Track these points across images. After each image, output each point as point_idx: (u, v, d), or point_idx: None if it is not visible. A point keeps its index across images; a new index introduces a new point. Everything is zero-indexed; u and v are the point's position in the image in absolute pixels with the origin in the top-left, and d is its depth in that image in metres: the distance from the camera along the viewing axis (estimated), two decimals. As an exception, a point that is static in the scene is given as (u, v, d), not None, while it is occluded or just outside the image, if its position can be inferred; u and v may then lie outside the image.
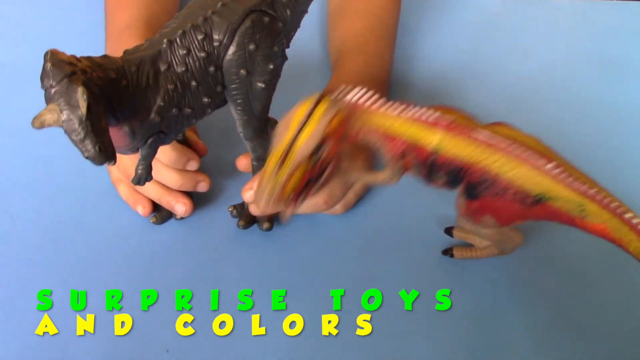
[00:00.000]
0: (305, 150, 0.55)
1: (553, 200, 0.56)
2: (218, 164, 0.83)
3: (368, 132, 0.58)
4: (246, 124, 0.67)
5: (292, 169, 0.55)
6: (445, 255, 0.71)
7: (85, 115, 0.50)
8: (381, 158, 0.61)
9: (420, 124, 0.57)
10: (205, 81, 0.62)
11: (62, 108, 0.51)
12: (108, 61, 0.57)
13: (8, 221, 0.75)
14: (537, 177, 0.55)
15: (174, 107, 0.60)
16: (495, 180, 0.56)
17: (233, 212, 0.75)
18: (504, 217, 0.58)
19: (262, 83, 0.64)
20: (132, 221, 0.73)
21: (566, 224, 0.57)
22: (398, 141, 0.58)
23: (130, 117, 0.58)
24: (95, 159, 0.52)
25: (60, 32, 1.00)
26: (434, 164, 0.58)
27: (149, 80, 0.59)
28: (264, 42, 0.63)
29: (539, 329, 0.65)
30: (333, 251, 0.72)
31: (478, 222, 0.60)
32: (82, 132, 0.51)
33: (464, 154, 0.57)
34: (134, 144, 0.61)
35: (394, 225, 0.75)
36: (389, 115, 0.57)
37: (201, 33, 0.60)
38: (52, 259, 0.71)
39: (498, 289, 0.69)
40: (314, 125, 0.55)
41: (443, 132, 0.57)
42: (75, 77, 0.51)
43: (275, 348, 0.63)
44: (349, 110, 0.57)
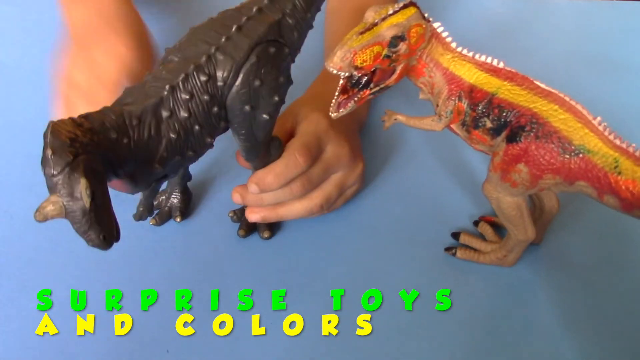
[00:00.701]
0: (386, 32, 0.58)
1: (592, 154, 0.58)
2: (219, 166, 0.83)
3: (435, 65, 0.62)
4: (249, 150, 0.66)
5: (368, 42, 0.58)
6: (448, 252, 0.72)
7: (89, 207, 0.49)
8: (436, 99, 0.63)
9: (485, 70, 0.61)
10: (209, 123, 0.60)
11: (64, 200, 0.49)
12: (109, 118, 0.54)
13: (8, 221, 0.75)
14: (582, 130, 0.58)
15: (177, 155, 0.59)
16: (544, 124, 0.59)
17: (233, 217, 0.75)
18: (540, 166, 0.59)
19: (267, 115, 0.63)
20: (132, 221, 0.73)
21: (594, 183, 0.58)
22: (460, 81, 0.62)
23: (132, 172, 0.57)
24: (101, 247, 0.51)
25: (60, 32, 1.00)
26: (487, 106, 0.61)
27: (151, 131, 0.57)
28: (269, 75, 0.61)
29: (538, 329, 0.65)
30: (333, 251, 0.72)
31: (508, 177, 0.61)
32: (85, 225, 0.49)
33: (519, 100, 0.60)
34: (136, 190, 0.60)
35: (394, 226, 0.76)
36: (458, 59, 0.62)
37: (204, 75, 0.58)
38: (52, 259, 0.71)
39: (498, 289, 0.69)
40: (401, 18, 0.58)
41: (503, 79, 0.61)
42: (76, 164, 0.48)
43: (275, 348, 0.63)
44: (431, 32, 0.61)
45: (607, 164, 0.57)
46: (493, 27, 1.04)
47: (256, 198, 0.70)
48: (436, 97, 0.63)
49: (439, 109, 0.63)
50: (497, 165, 0.62)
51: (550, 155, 0.59)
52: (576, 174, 0.59)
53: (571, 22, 1.11)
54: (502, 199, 0.63)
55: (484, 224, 0.74)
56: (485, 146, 0.63)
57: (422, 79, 0.63)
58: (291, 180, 0.69)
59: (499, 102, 0.60)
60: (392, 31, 0.58)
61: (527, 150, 0.59)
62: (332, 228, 0.73)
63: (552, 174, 0.60)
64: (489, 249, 0.70)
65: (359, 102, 0.62)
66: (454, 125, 0.64)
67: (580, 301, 0.68)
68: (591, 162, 0.58)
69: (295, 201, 0.71)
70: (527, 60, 0.97)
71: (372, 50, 0.58)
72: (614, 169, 0.57)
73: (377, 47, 0.58)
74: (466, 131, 0.63)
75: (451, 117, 0.63)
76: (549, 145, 0.59)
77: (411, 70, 0.62)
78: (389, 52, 0.59)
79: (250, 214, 0.71)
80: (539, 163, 0.59)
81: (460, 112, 0.62)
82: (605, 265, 0.71)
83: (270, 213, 0.71)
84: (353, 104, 0.62)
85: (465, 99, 0.62)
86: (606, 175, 0.57)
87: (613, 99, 0.91)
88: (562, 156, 0.58)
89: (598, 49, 1.02)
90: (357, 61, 0.58)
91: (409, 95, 0.85)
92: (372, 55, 0.58)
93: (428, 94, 0.64)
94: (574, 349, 0.64)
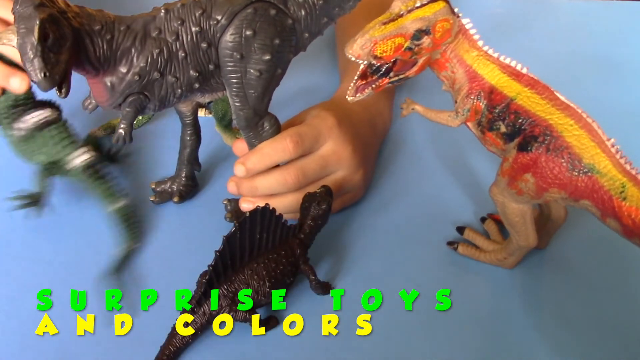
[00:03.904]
0: (410, 25, 0.58)
1: (600, 176, 0.57)
2: (219, 168, 0.83)
3: (459, 62, 0.62)
4: (239, 110, 0.67)
5: (391, 33, 0.58)
6: (450, 246, 0.72)
7: (38, 40, 0.53)
8: (456, 95, 0.63)
9: (507, 74, 0.61)
10: (196, 55, 0.62)
11: (19, 30, 0.54)
12: (100, 15, 0.59)
13: (8, 221, 0.75)
14: (594, 149, 0.57)
15: (155, 71, 0.62)
16: (557, 138, 0.58)
17: (227, 205, 0.75)
18: (547, 179, 0.59)
19: (256, 72, 0.64)
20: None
21: (598, 204, 0.58)
22: (482, 81, 0.62)
23: (109, 71, 0.61)
24: (40, 84, 0.54)
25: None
26: (504, 110, 0.60)
27: (136, 40, 0.61)
28: (264, 31, 0.63)
29: (538, 329, 0.65)
30: (333, 251, 0.72)
31: (515, 184, 0.61)
32: (31, 55, 0.54)
33: (537, 109, 0.60)
34: (112, 99, 0.62)
35: (394, 226, 0.76)
36: (483, 58, 0.61)
37: (200, 9, 0.61)
38: (52, 259, 0.71)
39: (498, 289, 0.69)
40: (427, 12, 0.58)
41: (524, 85, 0.61)
42: (42, 10, 0.54)
43: (275, 348, 0.63)
44: (458, 28, 0.60)
45: (613, 188, 0.57)
46: (492, 26, 1.04)
47: (250, 187, 0.70)
48: (456, 92, 0.63)
49: (457, 105, 0.63)
50: (505, 170, 0.62)
51: (559, 170, 0.58)
52: (582, 193, 0.58)
53: (571, 22, 1.11)
54: (507, 204, 0.63)
55: (491, 221, 0.73)
56: (498, 149, 0.63)
57: (444, 73, 0.63)
58: (278, 165, 0.69)
59: (517, 108, 0.60)
60: (417, 24, 0.58)
61: (537, 161, 0.59)
62: (332, 228, 0.73)
63: (558, 189, 0.59)
64: (491, 248, 0.70)
65: (376, 89, 0.62)
66: (470, 124, 0.64)
67: (580, 304, 0.68)
68: (598, 183, 0.57)
69: (289, 194, 0.71)
70: (527, 60, 0.97)
71: (393, 41, 0.58)
72: (619, 194, 0.56)
73: (399, 38, 0.58)
74: (480, 132, 0.63)
75: (468, 115, 0.63)
76: (558, 159, 0.58)
77: (434, 63, 0.62)
78: (411, 45, 0.59)
79: (243, 202, 0.71)
80: (546, 176, 0.59)
81: (477, 111, 0.62)
82: (606, 270, 0.71)
83: (262, 203, 0.71)
84: (370, 90, 0.62)
85: (484, 99, 0.61)
86: (611, 199, 0.57)
87: (613, 99, 0.92)
88: (570, 172, 0.58)
89: (598, 49, 1.02)
90: (377, 51, 0.58)
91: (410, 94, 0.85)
92: (394, 46, 0.58)
93: (449, 88, 0.64)
94: (575, 350, 0.64)
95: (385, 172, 0.82)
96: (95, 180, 0.71)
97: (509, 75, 0.61)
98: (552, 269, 0.71)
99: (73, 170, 0.72)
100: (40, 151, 0.72)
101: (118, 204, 0.71)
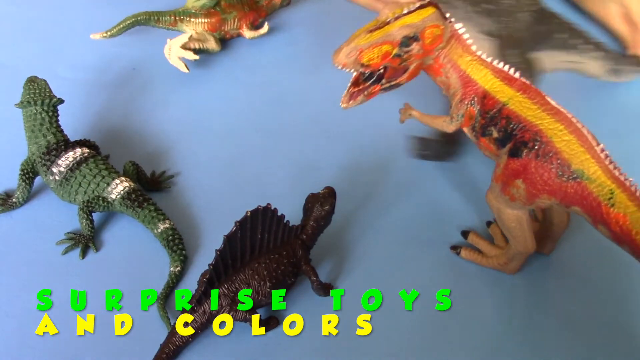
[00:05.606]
0: (397, 32, 0.58)
1: (589, 182, 0.57)
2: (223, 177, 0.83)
3: (453, 67, 0.62)
4: None
5: (377, 41, 0.58)
6: (453, 251, 0.72)
7: None
8: (451, 100, 0.63)
9: (500, 79, 0.61)
10: None
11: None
12: None
13: (8, 221, 0.75)
14: (584, 154, 0.57)
15: None
16: (547, 143, 0.58)
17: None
18: (536, 185, 0.59)
19: None
20: (132, 221, 0.73)
21: (588, 210, 0.58)
22: (476, 86, 0.62)
23: None
24: None
25: (61, 32, 1.00)
26: (496, 115, 0.60)
27: None
28: None
29: (538, 329, 0.65)
30: (333, 251, 0.72)
31: (507, 190, 0.61)
32: None
33: (527, 114, 0.59)
34: None
35: (394, 226, 0.75)
36: (477, 63, 0.61)
37: None
38: (52, 259, 0.71)
39: (497, 290, 0.69)
40: (415, 19, 0.58)
41: (516, 90, 0.60)
42: None
43: (275, 348, 0.63)
44: (451, 33, 0.60)
45: (602, 194, 0.57)
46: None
47: None
48: (451, 97, 0.63)
49: (451, 110, 0.63)
50: (498, 176, 0.62)
51: (548, 176, 0.58)
52: (572, 199, 0.58)
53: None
54: (503, 210, 0.63)
55: (495, 226, 0.73)
56: (492, 155, 0.63)
57: (439, 78, 0.63)
58: None
59: (508, 113, 0.60)
60: (404, 31, 0.58)
61: (527, 167, 0.59)
62: (332, 228, 0.73)
63: (548, 195, 0.59)
64: (493, 253, 0.70)
65: (369, 96, 0.62)
66: (465, 129, 0.64)
67: (580, 303, 0.68)
68: (587, 190, 0.57)
69: None
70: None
71: (380, 49, 0.58)
72: (608, 200, 0.56)
73: (386, 46, 0.58)
74: (475, 137, 0.63)
75: (462, 120, 0.63)
76: (547, 165, 0.58)
77: (427, 69, 0.62)
78: (400, 52, 0.58)
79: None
80: (536, 182, 0.59)
81: (471, 116, 0.62)
82: (607, 273, 0.71)
83: None
84: (363, 97, 0.62)
85: (478, 104, 0.61)
86: (599, 205, 0.57)
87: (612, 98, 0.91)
88: (560, 178, 0.58)
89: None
90: (363, 59, 0.58)
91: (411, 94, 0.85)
92: (380, 54, 0.58)
93: (446, 93, 0.64)
94: (573, 349, 0.64)
95: (388, 172, 0.82)
96: (135, 208, 0.72)
97: (502, 80, 0.61)
98: (552, 269, 0.71)
99: (113, 202, 0.72)
100: (78, 191, 0.72)
101: (161, 228, 0.71)
